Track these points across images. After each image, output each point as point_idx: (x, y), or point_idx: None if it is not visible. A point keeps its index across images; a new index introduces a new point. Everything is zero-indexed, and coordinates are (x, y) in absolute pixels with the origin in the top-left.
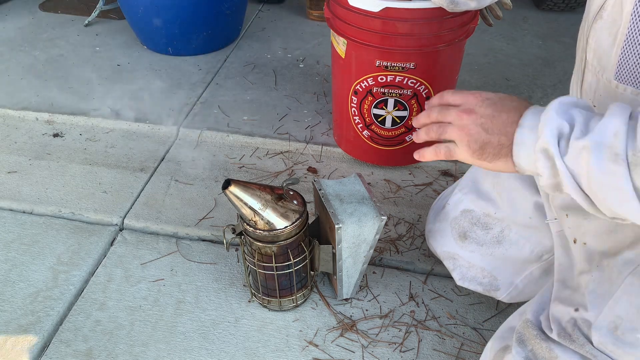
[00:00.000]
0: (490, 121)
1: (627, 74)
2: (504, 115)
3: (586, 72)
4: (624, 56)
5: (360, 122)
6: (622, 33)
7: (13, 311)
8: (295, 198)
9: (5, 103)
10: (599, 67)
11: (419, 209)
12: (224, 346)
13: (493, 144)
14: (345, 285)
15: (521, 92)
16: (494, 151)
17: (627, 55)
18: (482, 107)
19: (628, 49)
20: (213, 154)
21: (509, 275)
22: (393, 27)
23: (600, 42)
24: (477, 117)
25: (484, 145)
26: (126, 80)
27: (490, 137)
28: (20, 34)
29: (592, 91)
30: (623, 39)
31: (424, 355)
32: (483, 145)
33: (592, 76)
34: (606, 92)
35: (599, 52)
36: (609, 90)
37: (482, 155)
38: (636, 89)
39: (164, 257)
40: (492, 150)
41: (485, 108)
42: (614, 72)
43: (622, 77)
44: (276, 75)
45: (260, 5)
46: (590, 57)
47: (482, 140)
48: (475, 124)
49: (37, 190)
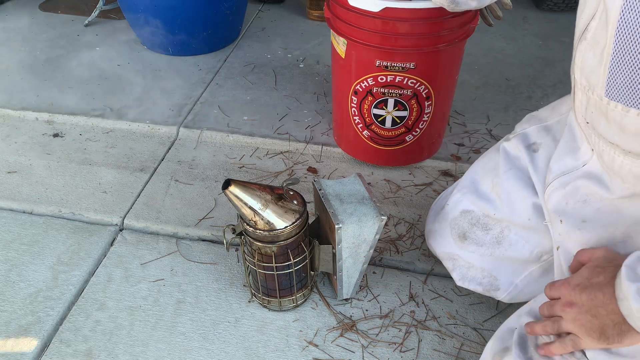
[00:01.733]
0: (591, 306)
1: (617, 92)
2: (599, 295)
3: (576, 90)
4: (612, 75)
5: (360, 122)
6: (608, 53)
7: (13, 311)
8: (295, 198)
9: (5, 103)
10: (588, 86)
11: (419, 209)
12: (224, 346)
13: (609, 325)
14: (345, 285)
15: (521, 92)
16: (615, 331)
17: (615, 74)
18: (577, 295)
19: (615, 68)
20: (213, 154)
21: (509, 275)
22: (393, 27)
23: (587, 62)
24: (579, 307)
25: (602, 330)
26: (126, 80)
27: (601, 320)
28: (20, 34)
29: (583, 108)
30: (609, 59)
31: (424, 355)
32: (601, 330)
33: (582, 94)
34: (597, 109)
35: (586, 72)
36: (599, 107)
37: (608, 339)
38: (626, 106)
39: (164, 257)
40: (613, 331)
41: (580, 295)
42: (604, 89)
43: (612, 95)
44: (276, 75)
45: (260, 5)
46: (578, 76)
47: (597, 326)
48: (581, 314)
49: (37, 190)
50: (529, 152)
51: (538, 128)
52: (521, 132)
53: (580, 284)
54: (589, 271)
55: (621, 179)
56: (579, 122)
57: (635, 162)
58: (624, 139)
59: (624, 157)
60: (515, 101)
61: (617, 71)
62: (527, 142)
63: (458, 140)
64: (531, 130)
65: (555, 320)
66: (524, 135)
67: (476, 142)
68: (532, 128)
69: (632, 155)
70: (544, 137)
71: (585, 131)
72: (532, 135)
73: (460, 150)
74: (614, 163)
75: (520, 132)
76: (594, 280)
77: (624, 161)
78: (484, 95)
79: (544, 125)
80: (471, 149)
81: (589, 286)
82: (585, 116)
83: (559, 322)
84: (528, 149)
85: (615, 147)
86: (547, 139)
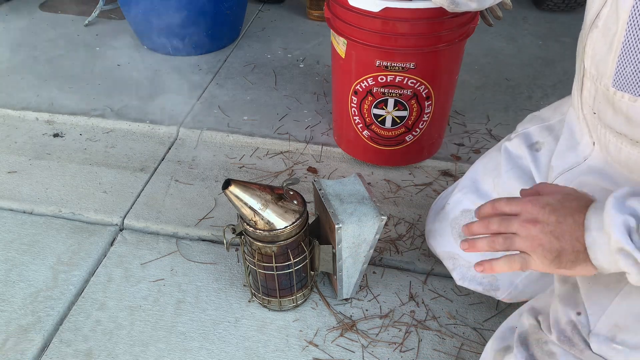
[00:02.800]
0: (558, 228)
1: (625, 82)
2: (570, 220)
3: (585, 79)
4: (621, 64)
5: (360, 122)
6: (619, 41)
7: (13, 311)
8: (295, 198)
9: (5, 103)
10: (597, 75)
11: (419, 209)
12: (224, 346)
13: (568, 250)
14: (345, 285)
15: (521, 92)
16: (571, 258)
17: (624, 63)
18: (545, 215)
19: (625, 57)
20: (213, 154)
21: (509, 275)
22: (393, 27)
23: (597, 50)
24: (544, 225)
25: (560, 254)
26: (126, 80)
27: (563, 244)
28: (20, 34)
29: (591, 98)
30: (620, 47)
31: (424, 355)
32: (558, 253)
33: (591, 84)
34: (604, 99)
35: (596, 60)
36: (607, 97)
37: (560, 264)
38: (633, 95)
39: (164, 257)
40: (569, 257)
41: (549, 215)
42: (611, 79)
43: (620, 85)
44: (276, 75)
45: (260, 5)
46: (588, 64)
47: (556, 249)
48: (543, 233)
49: (37, 190)
50: (532, 152)
51: (540, 127)
52: (523, 132)
53: (550, 204)
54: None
55: (628, 169)
56: (585, 113)
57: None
58: (631, 130)
59: (631, 147)
60: (515, 101)
61: (626, 60)
62: (530, 141)
63: (458, 140)
64: (533, 130)
65: (507, 237)
66: (526, 135)
67: (476, 142)
68: (534, 127)
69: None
70: (546, 136)
71: (591, 123)
72: (534, 134)
73: (460, 150)
74: (620, 154)
75: (522, 131)
76: (566, 204)
77: (631, 151)
78: (484, 95)
79: (546, 125)
80: (471, 149)
81: (560, 208)
82: (593, 107)
83: (511, 238)
84: (530, 148)
85: (623, 137)
86: (550, 139)
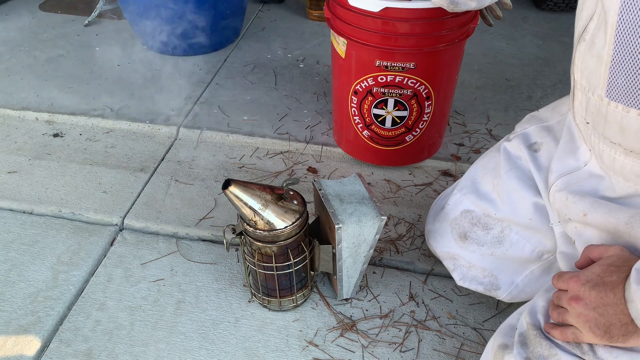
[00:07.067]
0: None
1: (617, 92)
2: (610, 295)
3: (576, 91)
4: (612, 76)
5: (360, 122)
6: (608, 54)
7: (13, 311)
8: (295, 198)
9: (5, 103)
10: (588, 87)
11: (419, 209)
12: (224, 346)
13: (616, 325)
14: (345, 285)
15: (521, 92)
16: (621, 331)
17: (616, 75)
18: (586, 292)
19: (616, 69)
20: (213, 154)
21: (510, 274)
22: (393, 27)
23: (587, 63)
24: (586, 302)
25: (608, 328)
26: (126, 80)
27: (608, 319)
28: (20, 34)
29: (583, 108)
30: (609, 59)
31: (424, 355)
32: (607, 328)
33: (582, 95)
34: (597, 110)
35: (586, 73)
36: (599, 107)
37: (612, 338)
38: (627, 106)
39: (164, 257)
40: (619, 331)
41: (590, 291)
42: (604, 90)
43: (613, 95)
44: (276, 75)
45: (260, 5)
46: (578, 77)
47: (603, 324)
48: (587, 309)
49: (37, 190)
50: (530, 152)
51: (539, 128)
52: (522, 132)
53: (591, 280)
54: (601, 269)
55: (623, 178)
56: (577, 122)
57: (636, 161)
58: (624, 139)
59: (625, 157)
60: (515, 101)
61: (617, 72)
62: (528, 142)
63: (458, 140)
64: (532, 130)
65: (560, 313)
66: (525, 135)
67: (476, 142)
68: (532, 128)
69: (633, 155)
70: (545, 137)
71: (585, 132)
72: (532, 135)
73: (460, 150)
74: (614, 163)
75: (521, 132)
76: (606, 278)
77: (625, 161)
78: (484, 95)
79: (545, 125)
80: (471, 149)
81: (600, 284)
82: (585, 117)
83: (563, 314)
84: (529, 148)
85: (617, 147)
86: (548, 139)
